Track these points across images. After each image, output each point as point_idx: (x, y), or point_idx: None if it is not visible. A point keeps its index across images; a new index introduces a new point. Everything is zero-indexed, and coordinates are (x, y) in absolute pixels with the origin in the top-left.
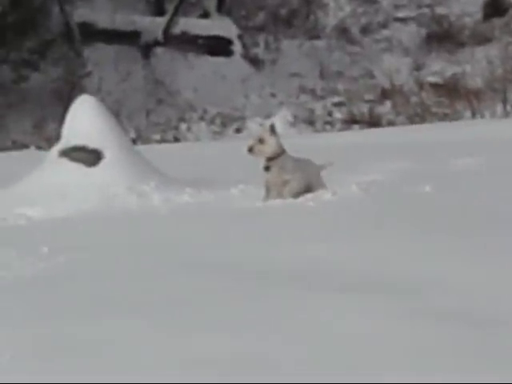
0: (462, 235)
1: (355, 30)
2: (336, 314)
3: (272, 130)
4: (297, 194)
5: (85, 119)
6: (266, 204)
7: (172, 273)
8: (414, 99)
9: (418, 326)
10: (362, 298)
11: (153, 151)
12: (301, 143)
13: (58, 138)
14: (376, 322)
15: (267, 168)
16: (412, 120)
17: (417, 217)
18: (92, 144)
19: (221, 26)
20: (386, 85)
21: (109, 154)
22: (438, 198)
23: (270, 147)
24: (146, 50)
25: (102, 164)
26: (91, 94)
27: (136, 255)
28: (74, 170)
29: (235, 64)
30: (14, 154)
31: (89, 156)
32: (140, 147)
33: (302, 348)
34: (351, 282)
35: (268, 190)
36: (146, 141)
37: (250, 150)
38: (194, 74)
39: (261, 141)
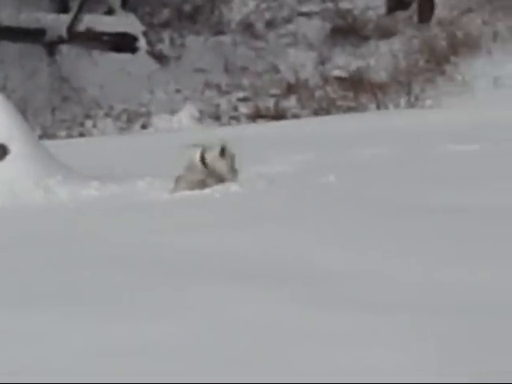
0: (362, 223)
1: (260, 25)
2: (229, 302)
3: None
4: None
5: None
6: (173, 196)
7: (80, 266)
8: (319, 93)
9: (313, 312)
10: (255, 285)
11: (58, 146)
12: (206, 136)
13: None
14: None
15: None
16: (317, 114)
17: (319, 206)
18: None
19: (125, 23)
20: (291, 79)
21: (14, 149)
22: (341, 187)
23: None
24: (51, 48)
25: (8, 158)
26: None
27: (43, 249)
28: None
29: (140, 60)
30: None
31: None
32: (46, 142)
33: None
34: (246, 270)
35: (178, 182)
36: (52, 138)
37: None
38: (99, 70)
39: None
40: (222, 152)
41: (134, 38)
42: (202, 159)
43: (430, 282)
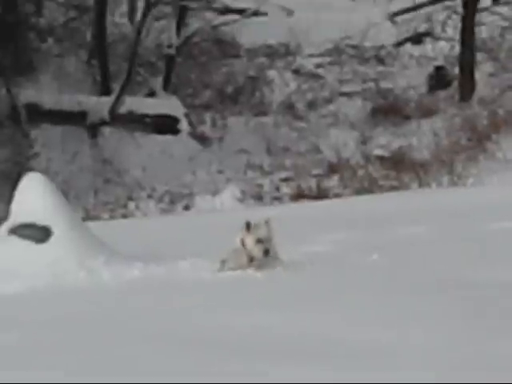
0: (407, 301)
1: (301, 106)
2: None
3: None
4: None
5: (33, 196)
6: (215, 276)
7: (123, 345)
8: (361, 172)
9: None
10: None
11: (101, 228)
12: (249, 216)
13: (6, 218)
14: None
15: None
16: (359, 193)
17: (364, 284)
18: (41, 221)
19: (167, 105)
20: (333, 159)
21: (58, 231)
22: (384, 266)
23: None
24: (93, 130)
25: (52, 240)
26: None
27: (87, 329)
28: (24, 247)
29: (182, 142)
30: None
31: (38, 232)
32: (89, 224)
33: None
34: (295, 349)
35: (222, 263)
36: (95, 219)
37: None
38: (141, 152)
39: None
40: (259, 239)
41: (176, 120)
42: (243, 243)
43: (475, 357)
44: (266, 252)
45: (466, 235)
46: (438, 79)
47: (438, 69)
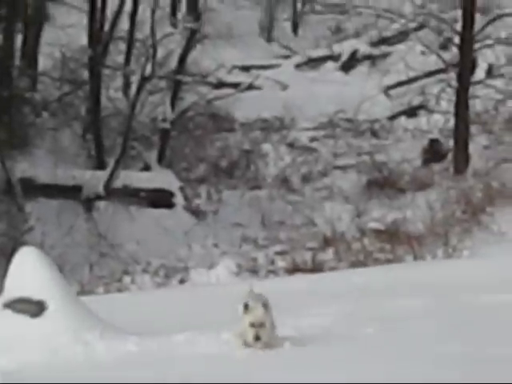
0: (406, 373)
1: (296, 179)
2: None
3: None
4: None
5: (28, 270)
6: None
7: None
8: (356, 246)
9: None
10: None
11: (96, 302)
12: (243, 289)
13: (0, 292)
14: None
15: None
16: (354, 266)
17: (359, 358)
18: (36, 295)
19: (162, 179)
20: (328, 232)
21: (53, 305)
22: (380, 339)
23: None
24: (88, 204)
25: (46, 314)
26: None
27: None
28: (19, 321)
29: (177, 216)
30: None
31: (33, 307)
32: (84, 298)
33: None
34: None
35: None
36: (90, 294)
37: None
38: (136, 226)
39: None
40: (252, 324)
41: (171, 194)
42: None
43: None
44: (257, 338)
45: (458, 309)
46: (433, 152)
47: (433, 142)
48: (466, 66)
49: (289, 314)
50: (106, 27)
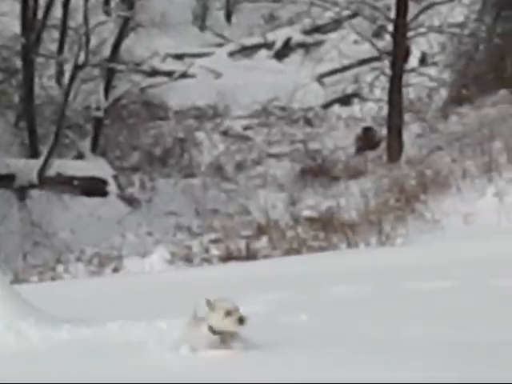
0: (335, 361)
1: (230, 167)
2: None
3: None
4: None
5: None
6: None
7: None
8: (289, 233)
9: None
10: None
11: (30, 290)
12: (178, 277)
13: None
14: None
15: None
16: (288, 254)
17: (292, 346)
18: None
19: (95, 167)
20: (262, 220)
21: None
22: (312, 326)
23: None
24: (21, 193)
25: None
26: None
27: None
28: None
29: (111, 204)
30: None
31: None
32: (17, 287)
33: None
34: None
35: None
36: (24, 282)
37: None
38: (70, 215)
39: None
40: (228, 311)
41: (105, 182)
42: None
43: None
44: (241, 320)
45: (391, 295)
46: (366, 140)
47: (366, 130)
48: (399, 54)
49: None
50: (39, 15)
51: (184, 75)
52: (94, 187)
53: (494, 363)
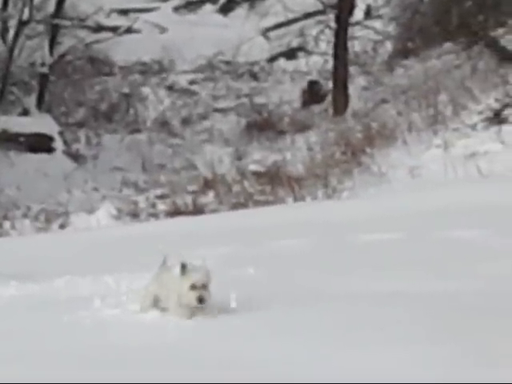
0: (281, 313)
1: (175, 122)
2: None
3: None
4: None
5: None
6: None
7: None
8: (236, 188)
9: None
10: None
11: None
12: (124, 233)
13: None
14: None
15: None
16: (235, 208)
17: (240, 300)
18: None
19: (41, 124)
20: (209, 175)
21: None
22: (259, 279)
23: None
24: None
25: None
26: None
27: None
28: None
29: (57, 160)
30: None
31: None
32: None
33: None
34: None
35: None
36: None
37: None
38: (16, 171)
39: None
40: (193, 285)
41: (50, 139)
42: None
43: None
44: (201, 300)
45: (338, 247)
46: (312, 94)
47: (312, 83)
48: (344, 7)
49: (173, 257)
50: None
51: (129, 30)
52: (39, 143)
53: (441, 314)
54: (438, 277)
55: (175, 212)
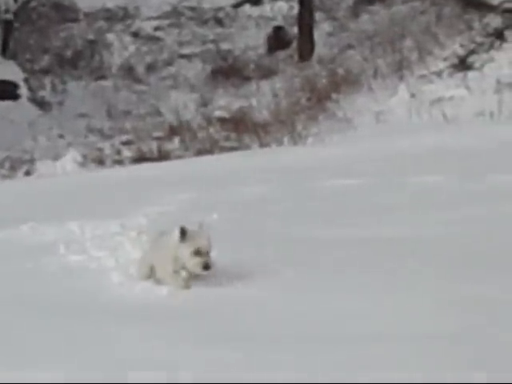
0: (242, 258)
1: (141, 69)
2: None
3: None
4: None
5: None
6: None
7: None
8: (201, 134)
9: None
10: None
11: None
12: (89, 179)
13: None
14: None
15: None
16: (201, 154)
17: None
18: None
19: (6, 71)
20: (174, 121)
21: None
22: (223, 225)
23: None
24: None
25: None
26: None
27: None
28: None
29: (22, 107)
30: None
31: None
32: None
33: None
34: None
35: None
36: None
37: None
38: None
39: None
40: (197, 251)
41: (15, 85)
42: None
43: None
44: (206, 266)
45: (303, 193)
46: (277, 40)
47: (277, 29)
48: None
49: (137, 203)
50: None
51: None
52: (4, 90)
53: (401, 260)
54: (400, 222)
55: (140, 158)
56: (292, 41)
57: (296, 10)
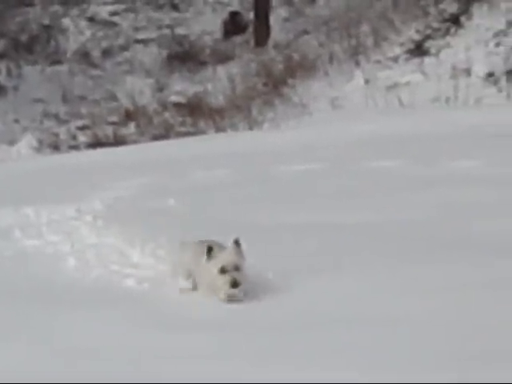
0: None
1: (96, 54)
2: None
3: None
4: None
5: None
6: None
7: None
8: (157, 119)
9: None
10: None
11: None
12: (45, 164)
13: None
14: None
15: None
16: (156, 140)
17: (160, 230)
18: None
19: None
20: (130, 106)
21: None
22: (180, 210)
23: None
24: None
25: None
26: None
27: None
28: None
29: None
30: None
31: None
32: None
33: None
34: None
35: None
36: None
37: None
38: None
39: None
40: (223, 269)
41: None
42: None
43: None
44: (234, 284)
45: (258, 178)
46: (233, 25)
47: (233, 14)
48: None
49: (93, 188)
50: None
51: None
52: None
53: (365, 244)
54: (364, 207)
55: (96, 143)
56: (248, 26)
57: None
